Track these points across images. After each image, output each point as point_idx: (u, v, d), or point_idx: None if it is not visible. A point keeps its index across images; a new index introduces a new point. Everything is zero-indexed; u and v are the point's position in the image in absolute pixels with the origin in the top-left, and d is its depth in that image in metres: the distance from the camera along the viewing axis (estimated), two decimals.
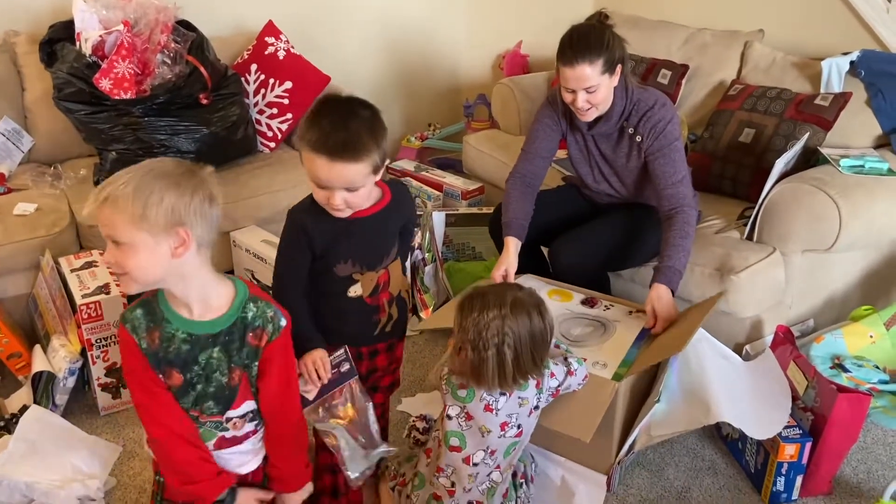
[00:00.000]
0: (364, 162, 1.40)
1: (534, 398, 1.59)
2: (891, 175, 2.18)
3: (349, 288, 1.58)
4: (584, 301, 2.05)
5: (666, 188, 2.01)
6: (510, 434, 1.58)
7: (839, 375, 1.91)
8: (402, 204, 1.63)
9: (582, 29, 1.96)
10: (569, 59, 1.92)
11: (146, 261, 1.20)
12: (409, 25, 3.70)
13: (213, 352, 1.30)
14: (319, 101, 1.46)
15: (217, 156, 2.66)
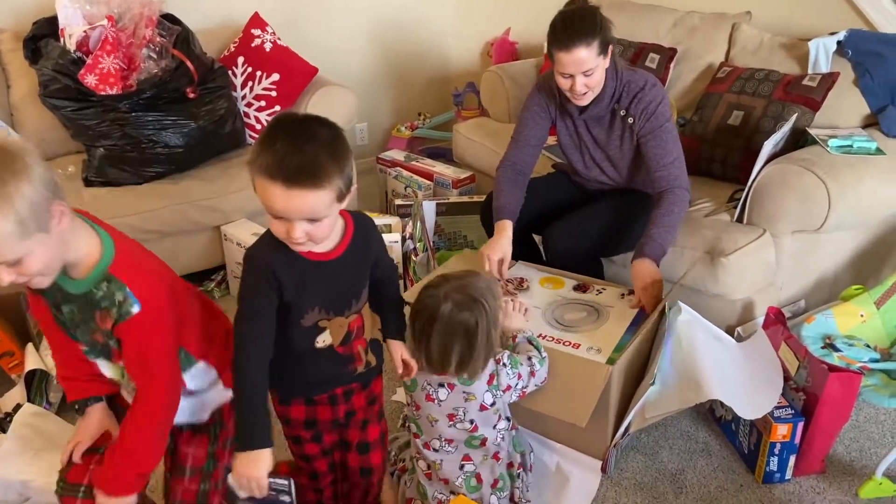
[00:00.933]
0: (326, 189, 1.21)
1: (484, 394, 1.55)
2: (879, 154, 2.18)
3: (317, 338, 1.41)
4: (576, 287, 2.06)
5: (657, 170, 2.01)
6: (462, 427, 1.57)
7: (830, 355, 1.92)
8: (369, 235, 1.44)
9: (574, 12, 1.94)
10: (564, 43, 1.90)
11: (47, 255, 1.19)
12: (396, 14, 3.69)
13: (74, 308, 1.31)
14: (272, 123, 1.26)
15: (205, 150, 2.66)
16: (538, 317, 1.93)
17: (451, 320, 1.47)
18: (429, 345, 1.50)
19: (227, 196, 2.59)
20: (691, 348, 1.84)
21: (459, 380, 1.54)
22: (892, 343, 2.01)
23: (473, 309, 1.48)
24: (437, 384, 1.55)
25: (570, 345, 1.81)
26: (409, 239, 2.62)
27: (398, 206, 2.88)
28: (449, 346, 1.49)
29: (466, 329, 1.47)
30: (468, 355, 1.49)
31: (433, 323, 1.48)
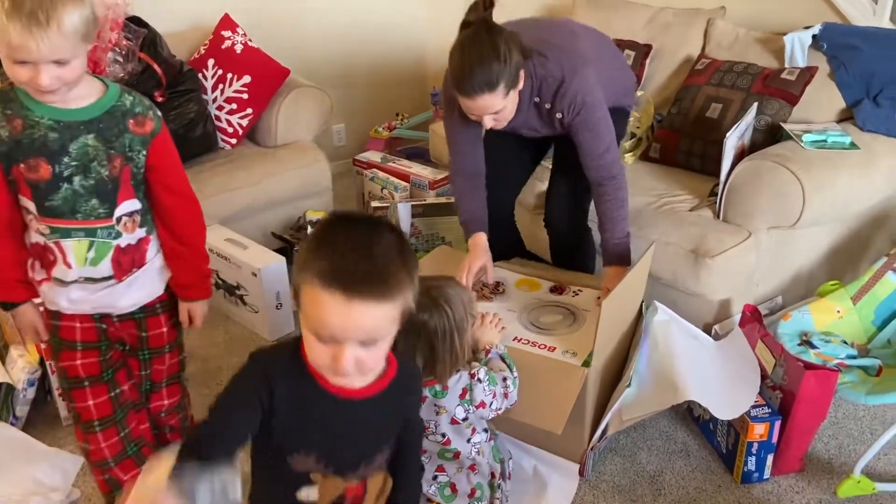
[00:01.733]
0: (395, 301, 1.01)
1: (455, 408, 1.51)
2: (853, 149, 2.17)
3: (301, 488, 1.16)
4: (552, 289, 2.03)
5: (593, 159, 1.91)
6: (434, 439, 1.53)
7: (807, 352, 1.90)
8: (411, 386, 1.23)
9: (473, 53, 1.70)
10: (467, 91, 1.73)
11: (81, 67, 1.25)
12: (371, 13, 3.65)
13: (89, 139, 1.30)
14: (328, 222, 1.05)
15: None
16: (514, 320, 1.90)
17: (411, 320, 1.42)
18: (395, 346, 1.46)
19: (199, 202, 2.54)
20: (668, 349, 1.82)
21: (430, 391, 1.51)
22: (869, 339, 2.00)
23: (433, 311, 1.44)
24: None
25: (545, 348, 1.79)
26: None
27: (375, 209, 2.85)
28: (412, 348, 1.45)
29: (426, 331, 1.44)
30: (431, 359, 1.46)
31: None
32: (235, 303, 2.53)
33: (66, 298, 1.44)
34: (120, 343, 1.56)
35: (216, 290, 2.58)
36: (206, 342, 2.46)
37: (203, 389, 2.23)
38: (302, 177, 2.82)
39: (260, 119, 2.85)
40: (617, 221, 1.92)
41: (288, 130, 2.87)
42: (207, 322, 2.52)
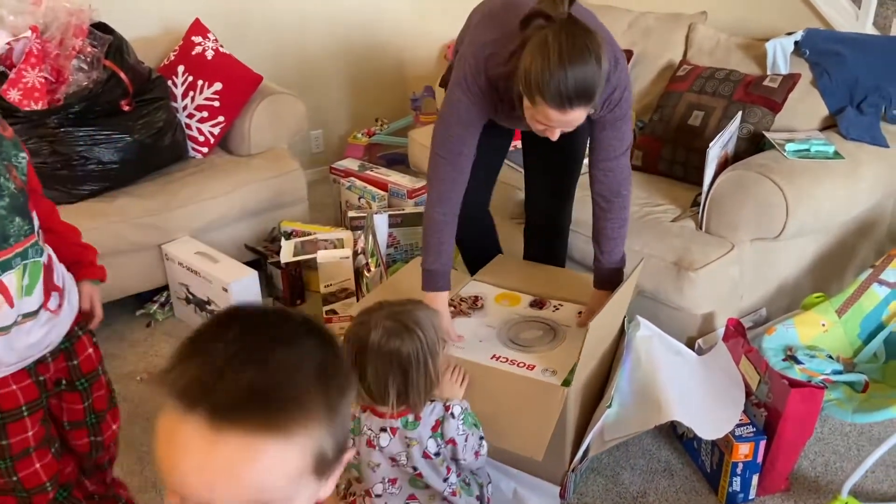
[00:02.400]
0: (296, 440, 0.62)
1: (427, 441, 1.43)
2: (837, 158, 2.13)
3: None
4: (532, 303, 1.98)
5: (607, 160, 1.74)
6: (404, 469, 1.46)
7: (792, 368, 1.85)
8: None
9: (574, 58, 1.43)
10: (561, 103, 1.47)
11: None
12: (348, 17, 3.57)
13: None
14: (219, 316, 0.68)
15: (144, 164, 2.53)
16: (493, 336, 1.84)
17: (382, 349, 1.36)
18: (364, 376, 1.39)
19: (168, 213, 2.46)
20: (651, 366, 1.77)
21: (402, 422, 1.43)
22: (855, 353, 1.96)
23: (405, 337, 1.37)
24: (378, 429, 1.44)
25: (524, 366, 1.72)
26: (360, 254, 2.51)
27: (352, 219, 2.78)
28: (384, 377, 1.38)
29: (399, 359, 1.36)
30: (404, 387, 1.38)
31: (364, 352, 1.37)
32: (206, 318, 2.45)
33: (9, 349, 1.26)
34: (56, 385, 1.44)
35: (186, 304, 2.50)
36: None
37: None
38: (276, 186, 2.75)
39: (232, 127, 2.77)
40: (617, 243, 1.81)
41: (261, 138, 2.79)
42: (177, 338, 2.47)
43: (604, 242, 1.82)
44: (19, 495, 1.39)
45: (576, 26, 1.46)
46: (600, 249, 1.83)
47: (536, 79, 1.45)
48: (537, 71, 1.45)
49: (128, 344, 2.45)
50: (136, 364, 2.36)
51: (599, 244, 1.83)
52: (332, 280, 2.44)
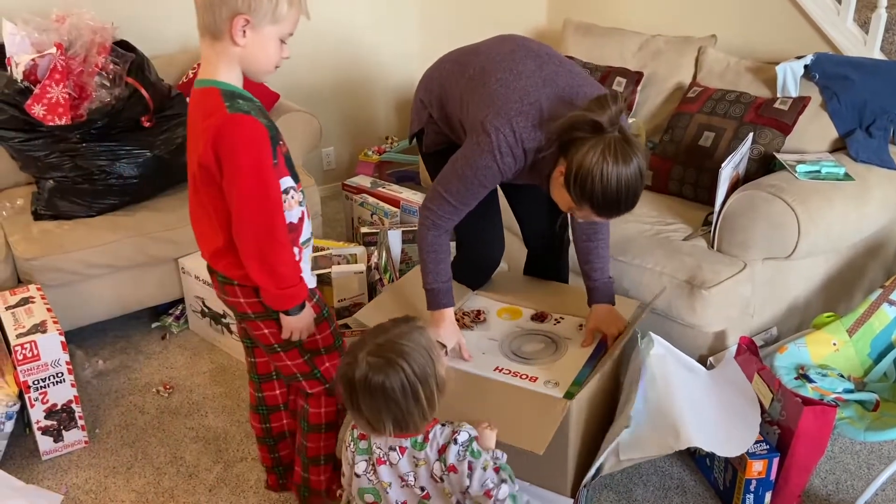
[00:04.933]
0: None
1: (435, 464, 1.41)
2: (847, 180, 2.16)
3: None
4: (534, 316, 1.99)
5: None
6: (414, 492, 1.45)
7: (804, 386, 1.87)
8: None
9: (626, 177, 1.49)
10: (609, 215, 1.58)
11: None
12: (359, 36, 3.63)
13: None
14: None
15: (162, 180, 2.57)
16: (495, 348, 1.87)
17: (368, 385, 1.35)
18: (360, 411, 1.39)
19: (185, 228, 2.48)
20: (666, 386, 1.78)
21: (410, 442, 1.42)
22: (866, 372, 1.98)
23: (388, 372, 1.34)
24: (387, 448, 1.44)
25: (527, 378, 1.75)
26: (374, 269, 2.54)
27: (364, 235, 2.81)
28: (377, 411, 1.37)
29: (384, 393, 1.34)
30: (401, 416, 1.37)
31: (353, 391, 1.36)
32: (221, 331, 2.47)
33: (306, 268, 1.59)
34: None
35: (201, 317, 2.53)
36: (190, 372, 2.40)
37: (188, 421, 2.17)
38: None
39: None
40: (605, 260, 1.87)
41: None
42: (192, 351, 2.50)
43: (594, 261, 1.86)
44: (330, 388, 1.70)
45: (629, 143, 1.51)
46: (592, 268, 1.87)
47: (592, 192, 1.51)
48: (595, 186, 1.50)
49: (143, 356, 2.48)
50: (151, 376, 2.38)
51: (591, 263, 1.87)
52: (346, 295, 2.46)
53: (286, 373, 1.67)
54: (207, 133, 1.38)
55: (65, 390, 2.00)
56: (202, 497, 1.90)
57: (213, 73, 1.43)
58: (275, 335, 1.60)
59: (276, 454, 1.84)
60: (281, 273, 1.48)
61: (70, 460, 2.03)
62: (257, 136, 1.39)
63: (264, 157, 1.41)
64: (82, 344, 2.45)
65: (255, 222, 1.43)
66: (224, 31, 1.38)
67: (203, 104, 1.42)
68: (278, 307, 1.53)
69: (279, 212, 1.47)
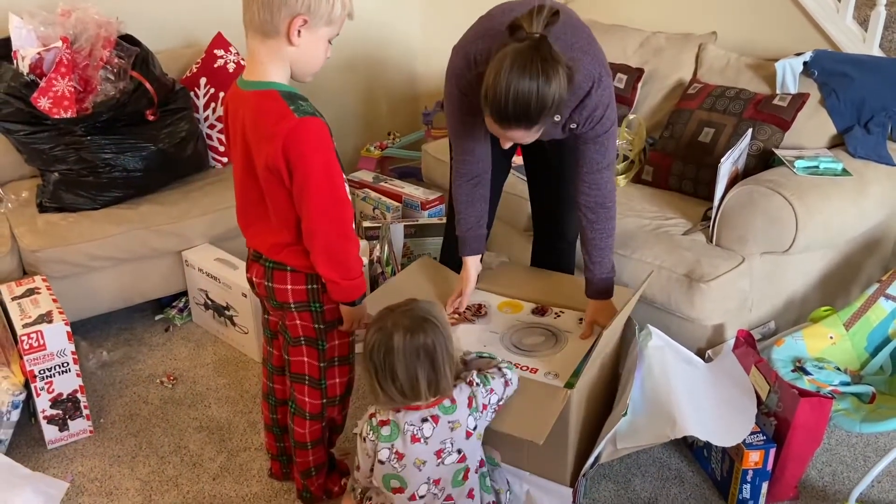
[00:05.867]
0: None
1: (467, 419, 1.52)
2: (845, 175, 2.18)
3: None
4: (534, 310, 2.01)
5: (590, 173, 1.78)
6: (450, 461, 1.52)
7: (801, 378, 1.89)
8: None
9: (521, 82, 1.46)
10: (500, 119, 1.54)
11: None
12: (362, 32, 3.65)
13: None
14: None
15: (166, 173, 2.59)
16: (497, 341, 1.89)
17: (408, 348, 1.43)
18: (395, 379, 1.45)
19: (189, 221, 2.52)
20: (664, 376, 1.80)
21: (441, 409, 1.50)
22: (862, 365, 2.00)
23: (426, 329, 1.45)
24: (419, 421, 1.50)
25: (528, 369, 1.76)
26: (376, 263, 2.56)
27: (367, 229, 2.83)
28: (414, 373, 1.44)
29: (426, 351, 1.44)
30: (434, 376, 1.46)
31: (391, 356, 1.44)
32: (224, 323, 2.50)
33: None
34: None
35: (205, 310, 2.55)
36: (193, 363, 2.42)
37: (191, 412, 2.19)
38: None
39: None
40: (605, 252, 1.85)
41: None
42: (195, 343, 2.52)
43: (593, 252, 1.86)
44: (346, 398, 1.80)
45: (538, 50, 1.47)
46: (590, 260, 1.87)
47: (485, 90, 1.51)
48: (487, 83, 1.50)
49: (147, 348, 2.50)
50: (154, 368, 2.40)
51: (589, 254, 1.87)
52: None
53: (296, 369, 1.69)
54: (277, 139, 1.39)
55: (70, 380, 2.02)
56: (206, 485, 1.92)
57: (266, 74, 1.44)
58: (305, 328, 1.63)
59: (282, 443, 1.87)
60: (349, 266, 1.53)
61: (75, 449, 2.05)
62: (326, 137, 1.43)
63: (332, 156, 1.45)
64: (87, 335, 2.48)
65: (328, 219, 1.46)
66: (281, 30, 1.39)
67: (264, 108, 1.43)
68: (345, 298, 1.57)
69: (349, 207, 1.51)
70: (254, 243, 1.63)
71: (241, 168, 1.53)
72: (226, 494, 1.89)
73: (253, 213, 1.58)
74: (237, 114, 1.49)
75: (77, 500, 1.88)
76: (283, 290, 1.58)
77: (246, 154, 1.49)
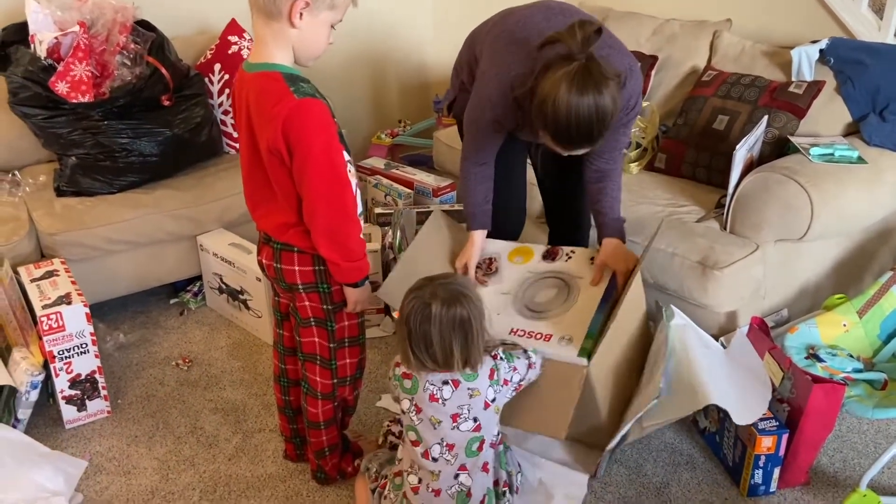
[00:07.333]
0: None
1: (487, 390, 1.56)
2: (860, 163, 2.18)
3: None
4: (545, 255, 1.98)
5: (610, 152, 1.85)
6: (465, 427, 1.55)
7: (814, 365, 1.90)
8: None
9: (582, 105, 1.50)
10: (564, 144, 1.60)
11: None
12: (374, 20, 3.65)
13: None
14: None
15: (181, 158, 2.61)
16: (509, 304, 1.88)
17: (445, 317, 1.47)
18: (430, 346, 1.49)
19: (203, 206, 2.53)
20: (685, 353, 1.82)
21: (463, 375, 1.53)
22: (875, 353, 2.00)
23: (463, 302, 1.49)
24: (440, 382, 1.54)
25: (541, 337, 1.76)
26: (388, 248, 2.58)
27: (379, 216, 2.84)
28: (449, 343, 1.48)
29: (462, 322, 1.48)
30: (467, 348, 1.50)
31: (428, 324, 1.48)
32: (238, 307, 2.52)
33: None
34: None
35: (219, 294, 2.57)
36: (208, 346, 2.45)
37: (207, 394, 2.22)
38: None
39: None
40: (616, 201, 1.90)
41: None
42: (210, 326, 2.54)
43: (604, 200, 1.89)
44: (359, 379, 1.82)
45: (591, 71, 1.51)
46: (601, 207, 1.90)
47: (545, 117, 1.55)
48: (545, 112, 1.54)
49: (163, 331, 2.53)
50: (170, 350, 2.43)
51: (599, 203, 1.91)
52: None
53: (308, 350, 1.71)
54: (277, 120, 1.40)
55: (89, 361, 2.05)
56: (222, 465, 1.95)
57: (270, 56, 1.46)
58: (314, 308, 1.64)
59: (295, 425, 1.89)
60: (351, 247, 1.54)
61: (93, 429, 2.08)
62: (326, 118, 1.44)
63: (333, 137, 1.46)
64: (104, 318, 2.50)
65: (328, 201, 1.47)
66: (283, 12, 1.40)
67: (266, 89, 1.44)
68: (347, 280, 1.58)
69: (349, 189, 1.52)
70: (262, 225, 1.65)
71: (246, 150, 1.55)
72: (241, 474, 1.91)
73: (260, 194, 1.60)
74: (242, 96, 1.51)
75: (95, 478, 1.91)
76: (291, 271, 1.60)
77: (250, 136, 1.51)
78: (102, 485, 1.89)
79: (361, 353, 1.76)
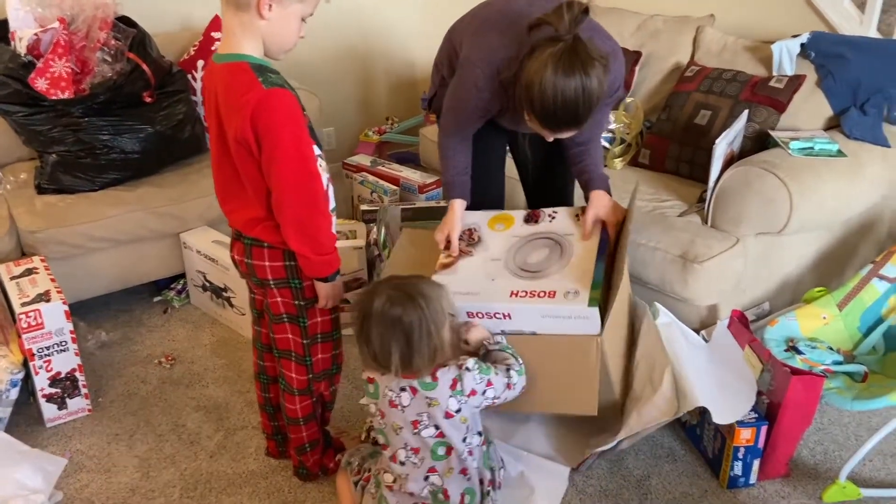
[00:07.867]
0: None
1: (448, 400, 1.51)
2: (840, 156, 2.19)
3: None
4: (526, 218, 1.92)
5: (593, 131, 1.86)
6: (427, 434, 1.53)
7: (793, 358, 1.91)
8: None
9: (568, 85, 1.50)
10: (550, 126, 1.61)
11: None
12: (361, 17, 3.65)
13: None
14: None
15: (163, 155, 2.60)
16: (502, 268, 1.80)
17: (384, 315, 1.44)
18: (369, 342, 1.48)
19: (186, 203, 2.53)
20: (673, 353, 1.82)
21: (420, 384, 1.50)
22: (855, 345, 2.01)
23: (406, 305, 1.44)
24: (398, 388, 1.52)
25: (546, 294, 1.68)
26: (373, 245, 2.57)
27: (364, 212, 2.84)
28: (387, 342, 1.45)
29: (400, 325, 1.44)
30: (408, 352, 1.45)
31: (368, 319, 1.46)
32: (222, 305, 2.51)
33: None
34: None
35: (203, 291, 2.56)
36: (191, 344, 2.44)
37: (189, 392, 2.21)
38: None
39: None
40: (599, 159, 1.89)
41: None
42: (193, 324, 2.54)
43: (586, 159, 1.88)
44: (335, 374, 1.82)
45: (577, 52, 1.51)
46: (584, 165, 1.89)
47: (532, 100, 1.55)
48: (531, 94, 1.54)
49: (146, 329, 2.52)
50: (152, 348, 2.42)
51: (583, 163, 1.89)
52: (346, 270, 2.49)
53: (282, 346, 1.70)
54: (245, 110, 1.39)
55: (69, 359, 2.04)
56: (203, 463, 1.94)
57: (238, 47, 1.45)
58: (286, 304, 1.63)
59: (276, 422, 1.88)
60: (321, 241, 1.52)
61: (74, 427, 2.07)
62: (294, 109, 1.43)
63: (301, 129, 1.45)
64: (85, 316, 2.49)
65: (297, 191, 1.46)
66: (251, 3, 1.40)
67: (234, 79, 1.43)
68: (316, 274, 1.56)
69: (319, 181, 1.50)
70: (232, 220, 1.64)
71: (216, 143, 1.53)
72: (222, 472, 1.91)
73: (229, 189, 1.59)
74: (210, 88, 1.50)
75: (75, 476, 1.90)
76: (261, 266, 1.59)
77: (219, 128, 1.50)
78: (82, 482, 1.89)
79: (335, 348, 1.75)
